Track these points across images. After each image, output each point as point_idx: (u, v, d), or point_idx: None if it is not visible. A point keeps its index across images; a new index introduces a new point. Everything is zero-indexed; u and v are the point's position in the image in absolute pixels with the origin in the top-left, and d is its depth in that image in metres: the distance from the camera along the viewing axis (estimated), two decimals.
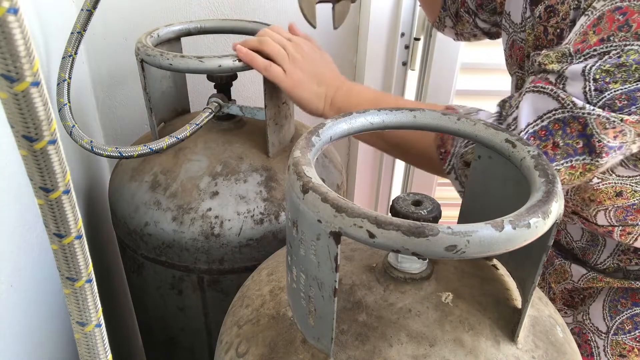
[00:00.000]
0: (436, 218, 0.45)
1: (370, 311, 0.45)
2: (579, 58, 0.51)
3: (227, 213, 0.73)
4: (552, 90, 0.53)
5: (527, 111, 0.55)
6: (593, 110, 0.50)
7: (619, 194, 0.61)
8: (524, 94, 0.56)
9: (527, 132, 0.54)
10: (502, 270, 0.53)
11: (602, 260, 0.70)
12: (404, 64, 1.20)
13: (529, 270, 0.43)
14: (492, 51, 1.13)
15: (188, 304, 0.81)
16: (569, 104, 0.52)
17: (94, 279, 0.29)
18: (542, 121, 0.54)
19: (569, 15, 0.58)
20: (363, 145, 1.28)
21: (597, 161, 0.53)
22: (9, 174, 0.56)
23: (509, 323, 0.46)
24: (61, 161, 0.24)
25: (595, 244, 0.71)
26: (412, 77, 1.23)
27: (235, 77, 0.79)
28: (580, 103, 0.51)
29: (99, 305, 0.30)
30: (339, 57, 1.19)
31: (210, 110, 0.76)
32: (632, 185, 0.60)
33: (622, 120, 0.49)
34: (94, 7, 0.77)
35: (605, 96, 0.49)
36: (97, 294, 0.29)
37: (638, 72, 0.48)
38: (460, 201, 0.55)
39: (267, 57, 0.70)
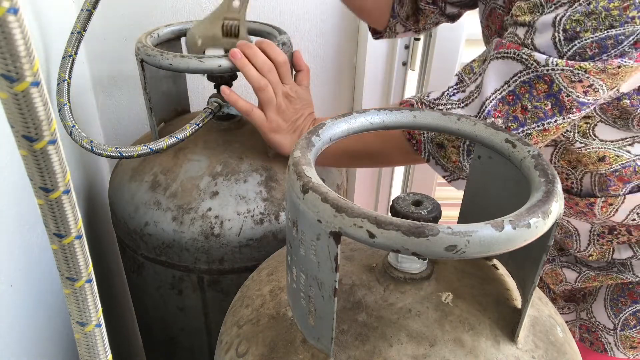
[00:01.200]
0: (436, 218, 0.45)
1: (370, 311, 0.45)
2: (550, 7, 0.50)
3: (227, 213, 0.73)
4: (515, 52, 0.53)
5: (493, 77, 0.54)
6: (556, 65, 0.50)
7: (601, 159, 0.62)
8: (488, 62, 0.56)
9: (494, 98, 0.54)
10: (502, 270, 0.53)
11: (583, 247, 0.71)
12: (404, 64, 1.20)
13: (529, 270, 0.43)
14: None
15: (188, 304, 0.81)
16: (532, 64, 0.51)
17: (94, 279, 0.29)
18: (509, 86, 0.53)
19: None
20: None
21: (570, 118, 0.53)
22: (9, 174, 0.56)
23: (509, 323, 0.46)
24: (61, 161, 0.24)
25: (569, 234, 0.72)
26: (412, 77, 1.23)
27: (235, 77, 0.79)
28: (543, 60, 0.50)
29: (99, 305, 0.30)
30: (339, 57, 1.19)
31: (210, 110, 0.76)
32: (615, 150, 0.61)
33: (585, 71, 0.49)
34: (94, 7, 0.77)
35: (575, 44, 0.49)
36: (97, 294, 0.29)
37: (608, 19, 0.47)
38: (460, 201, 0.55)
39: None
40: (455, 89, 0.60)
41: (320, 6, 1.11)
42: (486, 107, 0.54)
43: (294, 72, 0.77)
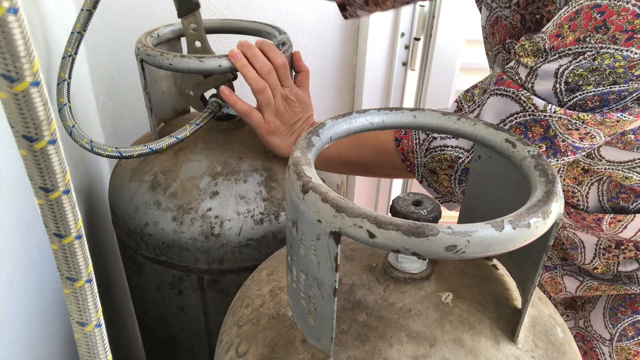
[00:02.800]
0: (436, 218, 0.45)
1: (370, 311, 0.45)
2: (553, 55, 0.50)
3: (227, 213, 0.73)
4: (514, 93, 0.52)
5: (490, 114, 0.54)
6: (554, 112, 0.49)
7: (610, 177, 0.61)
8: (488, 96, 0.55)
9: None
10: (502, 270, 0.53)
11: (589, 260, 0.70)
12: (404, 64, 1.20)
13: (529, 270, 0.43)
14: None
15: (188, 304, 0.81)
16: (530, 107, 0.51)
17: (94, 279, 0.29)
18: (504, 124, 0.53)
19: (551, 3, 0.56)
20: None
21: (563, 160, 0.52)
22: (9, 174, 0.56)
23: (509, 323, 0.46)
24: (61, 161, 0.24)
25: (575, 246, 0.71)
26: (412, 77, 1.23)
27: (235, 77, 0.79)
28: (541, 105, 0.50)
29: (99, 305, 0.30)
30: (339, 57, 1.19)
31: (210, 111, 0.76)
32: (624, 172, 0.59)
33: (583, 121, 0.49)
34: (94, 7, 0.77)
35: (576, 96, 0.48)
36: (97, 294, 0.29)
37: (612, 76, 0.46)
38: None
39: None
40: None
41: (320, 6, 1.11)
42: None
43: (293, 74, 0.77)
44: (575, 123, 0.49)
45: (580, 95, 0.48)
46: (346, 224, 0.35)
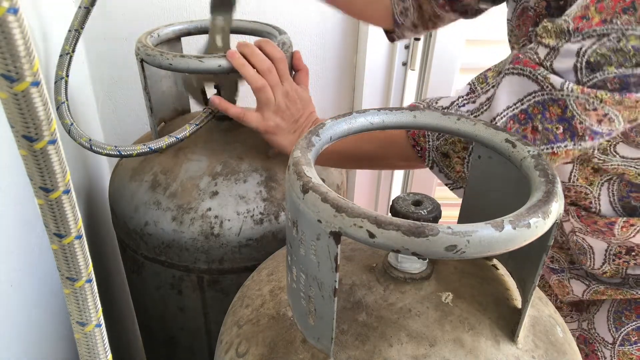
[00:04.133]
0: (436, 218, 0.45)
1: (370, 311, 0.45)
2: (577, 36, 0.48)
3: (227, 213, 0.73)
4: (530, 71, 0.51)
5: (506, 93, 0.53)
6: (572, 91, 0.48)
7: (621, 175, 0.60)
8: (503, 75, 0.54)
9: (505, 115, 0.53)
10: (502, 270, 0.53)
11: (598, 266, 0.69)
12: (404, 64, 1.20)
13: (529, 270, 0.43)
14: (492, 51, 1.13)
15: (188, 304, 0.81)
16: (547, 86, 0.50)
17: (94, 279, 0.29)
18: (522, 104, 0.52)
19: None
20: None
21: (581, 145, 0.51)
22: (9, 174, 0.56)
23: (509, 323, 0.46)
24: (61, 161, 0.24)
25: (583, 252, 0.70)
26: (412, 77, 1.23)
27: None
28: (558, 84, 0.49)
29: (99, 305, 0.30)
30: (339, 57, 1.19)
31: (210, 111, 0.76)
32: (637, 168, 0.58)
33: (601, 100, 0.47)
34: (92, 4, 0.77)
35: (596, 76, 0.47)
36: (97, 294, 0.29)
37: (635, 58, 0.45)
38: (460, 201, 0.55)
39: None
40: (466, 99, 0.58)
41: (320, 6, 1.11)
42: (496, 122, 0.54)
43: (293, 73, 0.77)
44: (593, 102, 0.48)
45: (600, 75, 0.47)
46: (346, 224, 0.35)
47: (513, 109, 0.53)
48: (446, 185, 0.63)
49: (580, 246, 0.69)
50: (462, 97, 0.59)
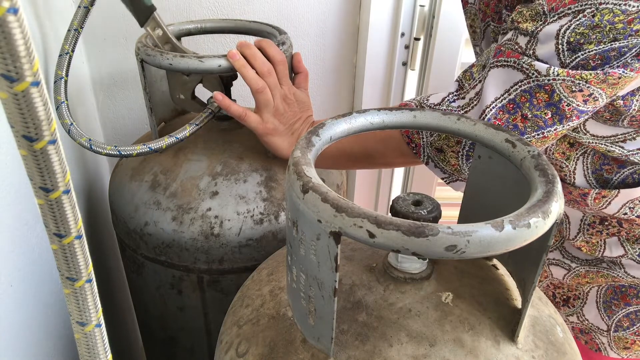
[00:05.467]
0: (436, 218, 0.45)
1: (370, 311, 0.45)
2: (553, 17, 0.50)
3: (227, 213, 0.73)
4: (515, 62, 0.53)
5: (493, 85, 0.55)
6: (558, 75, 0.50)
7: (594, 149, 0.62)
8: (488, 69, 0.56)
9: (494, 106, 0.54)
10: (502, 270, 0.53)
11: (573, 236, 0.71)
12: (404, 64, 1.20)
13: (529, 270, 0.43)
14: None
15: (188, 304, 0.81)
16: (533, 73, 0.51)
17: (94, 279, 0.29)
18: (509, 94, 0.54)
19: None
20: None
21: (569, 125, 0.53)
22: (9, 174, 0.56)
23: (509, 323, 0.46)
24: (61, 161, 0.24)
25: (560, 220, 0.71)
26: (412, 77, 1.23)
27: (235, 76, 0.79)
28: (544, 70, 0.50)
29: (99, 305, 0.30)
30: (339, 57, 1.19)
31: (210, 111, 0.75)
32: (607, 145, 0.61)
33: (586, 80, 0.49)
34: (92, 4, 0.77)
35: (578, 56, 0.49)
36: (97, 294, 0.29)
37: (612, 32, 0.47)
38: (460, 201, 0.55)
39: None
40: (455, 95, 0.60)
41: (320, 6, 1.11)
42: (486, 115, 0.55)
43: (292, 75, 0.77)
44: (579, 84, 0.50)
45: (582, 55, 0.49)
46: (346, 224, 0.35)
47: (501, 100, 0.54)
48: (442, 179, 0.64)
49: None
50: (452, 93, 0.60)
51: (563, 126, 0.53)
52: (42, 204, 0.24)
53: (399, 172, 1.38)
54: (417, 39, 1.16)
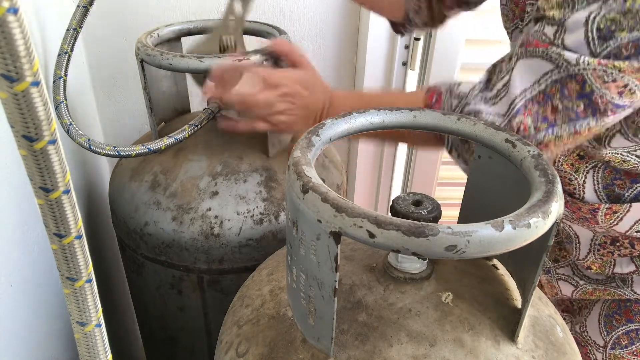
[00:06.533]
0: (436, 218, 0.45)
1: (370, 311, 0.45)
2: (582, 3, 0.47)
3: (227, 213, 0.73)
4: (543, 52, 0.50)
5: (522, 76, 0.52)
6: (588, 65, 0.47)
7: (606, 163, 0.60)
8: (515, 60, 0.53)
9: (524, 97, 0.52)
10: (502, 270, 0.53)
11: (583, 256, 0.69)
12: (404, 64, 1.20)
13: (529, 271, 0.43)
14: (491, 50, 1.13)
15: (188, 304, 0.81)
16: (562, 63, 0.49)
17: (94, 279, 0.29)
18: (539, 85, 0.51)
19: None
20: (363, 145, 1.28)
21: (603, 121, 0.50)
22: (9, 174, 0.56)
23: (509, 323, 0.46)
24: (61, 161, 0.24)
25: (570, 240, 0.69)
26: (412, 77, 1.23)
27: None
28: (573, 59, 0.48)
29: (99, 305, 0.30)
30: (339, 57, 1.19)
31: (210, 111, 0.75)
32: (623, 155, 0.58)
33: (619, 70, 0.46)
34: (91, 3, 0.77)
35: (609, 45, 0.46)
36: (97, 294, 0.29)
37: None
38: (460, 201, 0.55)
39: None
40: (484, 86, 0.57)
41: (320, 6, 1.11)
42: (515, 105, 0.52)
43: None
44: (612, 73, 0.47)
45: (613, 43, 0.46)
46: (346, 224, 0.35)
47: (531, 91, 0.51)
48: (463, 170, 0.61)
49: (567, 234, 0.69)
50: (481, 82, 0.58)
51: (597, 122, 0.50)
52: (42, 204, 0.24)
53: (399, 172, 1.38)
54: (417, 39, 1.16)
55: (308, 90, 0.67)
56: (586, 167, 0.62)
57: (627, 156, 0.58)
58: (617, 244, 0.65)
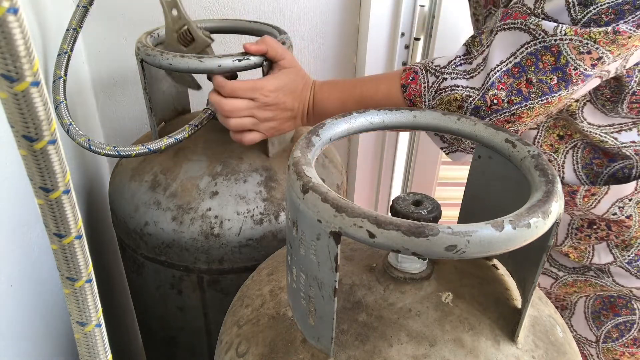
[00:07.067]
0: (436, 218, 0.45)
1: (370, 311, 0.45)
2: None
3: (227, 213, 0.73)
4: (522, 23, 0.51)
5: (500, 49, 0.53)
6: (565, 34, 0.48)
7: (585, 137, 0.61)
8: (495, 33, 0.54)
9: (499, 70, 0.53)
10: (502, 270, 0.53)
11: (560, 241, 0.69)
12: (404, 64, 1.19)
13: (529, 270, 0.43)
14: None
15: (188, 304, 0.81)
16: (540, 34, 0.50)
17: (94, 279, 0.29)
18: (515, 57, 0.52)
19: None
20: (363, 145, 1.28)
21: (573, 89, 0.52)
22: (9, 174, 0.56)
23: (509, 323, 0.46)
24: (61, 161, 0.24)
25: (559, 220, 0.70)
26: None
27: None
28: (551, 29, 0.49)
29: (99, 305, 0.30)
30: (339, 57, 1.19)
31: (210, 111, 0.75)
32: (601, 135, 0.59)
33: (595, 41, 0.47)
34: (90, 3, 0.77)
35: (590, 11, 0.47)
36: (97, 294, 0.29)
37: None
38: (460, 201, 0.55)
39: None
40: (462, 59, 0.58)
41: (320, 6, 1.11)
42: (490, 78, 0.53)
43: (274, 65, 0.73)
44: (587, 44, 0.48)
45: (594, 9, 0.47)
46: (346, 224, 0.35)
47: (507, 64, 0.53)
48: (441, 149, 0.62)
49: None
50: (460, 56, 0.59)
51: (567, 91, 0.51)
52: (42, 204, 0.24)
53: (399, 172, 1.38)
54: (417, 39, 1.16)
55: (288, 94, 0.69)
56: (566, 147, 0.63)
57: (605, 137, 0.60)
58: (594, 226, 0.66)
